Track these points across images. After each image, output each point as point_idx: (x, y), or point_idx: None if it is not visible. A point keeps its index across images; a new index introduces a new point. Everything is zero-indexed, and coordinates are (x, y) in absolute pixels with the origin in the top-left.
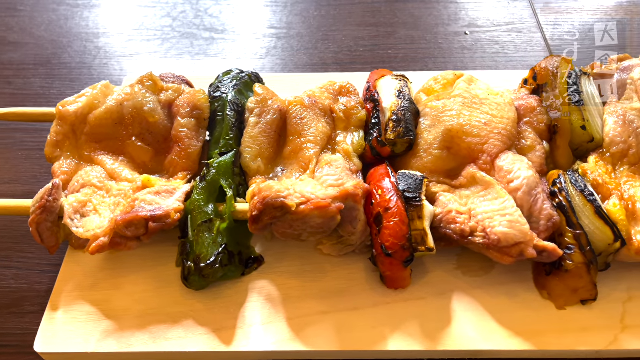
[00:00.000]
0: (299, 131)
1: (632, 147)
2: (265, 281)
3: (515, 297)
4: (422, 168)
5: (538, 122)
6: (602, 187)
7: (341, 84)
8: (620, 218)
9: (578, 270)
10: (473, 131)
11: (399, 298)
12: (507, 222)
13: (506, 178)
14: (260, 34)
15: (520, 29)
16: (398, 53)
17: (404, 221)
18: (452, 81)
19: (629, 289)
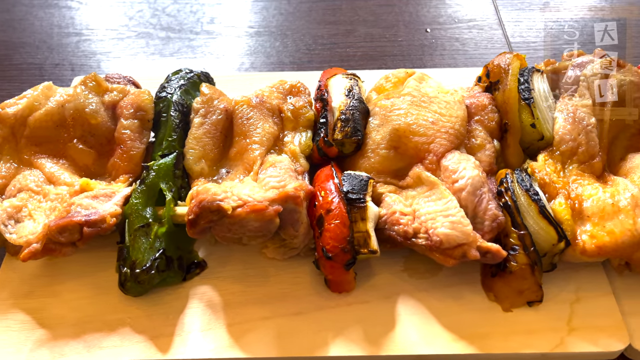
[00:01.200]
0: (245, 132)
1: (582, 145)
2: (207, 286)
3: (462, 299)
4: (370, 168)
5: (489, 120)
6: (549, 186)
7: (292, 83)
8: (565, 218)
9: (522, 272)
10: (420, 130)
11: (343, 302)
12: (449, 223)
13: (451, 178)
14: (218, 33)
15: (481, 26)
16: (357, 51)
17: (345, 223)
18: (403, 79)
19: (577, 289)
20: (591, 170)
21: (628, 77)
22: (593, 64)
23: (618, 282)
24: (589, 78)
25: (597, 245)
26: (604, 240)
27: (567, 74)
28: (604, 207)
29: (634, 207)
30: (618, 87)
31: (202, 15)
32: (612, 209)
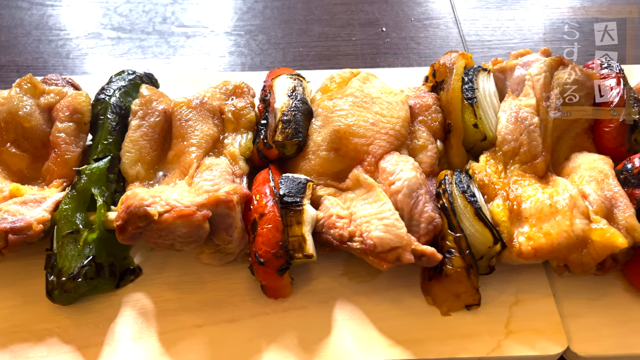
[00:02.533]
0: (183, 134)
1: (524, 145)
2: (140, 293)
3: (401, 303)
4: (311, 170)
5: (432, 121)
6: (488, 187)
7: (235, 83)
8: (502, 219)
9: (458, 275)
10: (359, 131)
11: (279, 308)
12: (383, 226)
13: (388, 180)
14: (170, 33)
15: (437, 25)
16: (310, 51)
17: (278, 227)
18: (347, 79)
19: (517, 292)
20: (534, 171)
21: (572, 76)
22: (538, 62)
23: (559, 283)
24: (534, 77)
25: (533, 247)
26: (540, 242)
27: (514, 73)
28: (542, 208)
29: (572, 207)
30: (562, 86)
31: (154, 15)
32: (550, 210)
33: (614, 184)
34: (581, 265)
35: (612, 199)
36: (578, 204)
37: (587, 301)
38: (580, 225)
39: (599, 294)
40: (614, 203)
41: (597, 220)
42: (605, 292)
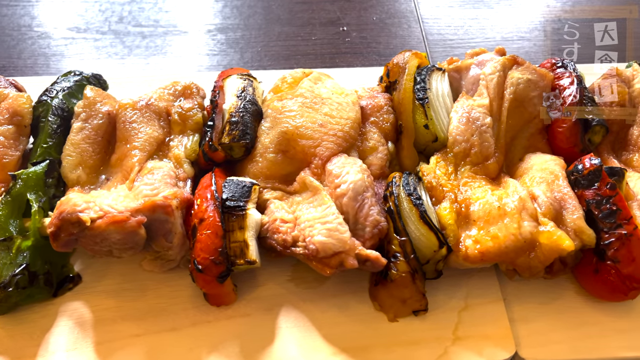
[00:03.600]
0: (127, 136)
1: (475, 146)
2: (79, 302)
3: (347, 309)
4: (258, 173)
5: (384, 122)
6: (436, 189)
7: (185, 84)
8: (449, 222)
9: (403, 280)
10: (307, 133)
11: (222, 316)
12: (326, 231)
13: (334, 183)
14: (125, 33)
15: (399, 23)
16: (269, 51)
17: (217, 233)
18: (299, 80)
19: (467, 296)
20: (485, 172)
21: (526, 75)
22: (492, 62)
23: (510, 287)
24: (488, 77)
25: (480, 251)
26: (487, 246)
27: (470, 72)
28: (490, 210)
29: (520, 210)
30: (515, 86)
31: (110, 14)
32: (498, 212)
33: (564, 185)
34: (529, 269)
35: (562, 201)
36: (527, 206)
37: (538, 305)
38: (528, 228)
39: (550, 297)
40: (563, 205)
41: (544, 223)
42: (557, 295)
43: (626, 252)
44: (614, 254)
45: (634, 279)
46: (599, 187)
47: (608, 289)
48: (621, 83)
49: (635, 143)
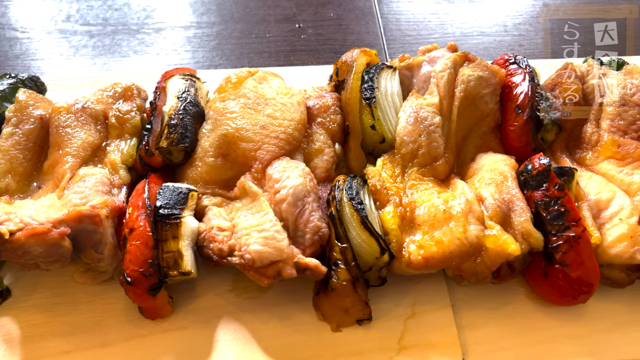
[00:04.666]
0: (60, 142)
1: (422, 147)
2: (7, 318)
3: (289, 319)
4: (198, 178)
5: (330, 123)
6: (380, 193)
7: (125, 86)
8: (392, 227)
9: (343, 289)
10: (248, 135)
11: (157, 329)
12: (262, 239)
13: (273, 188)
14: (72, 32)
15: (358, 20)
16: (223, 49)
17: (148, 243)
18: (243, 79)
19: (414, 303)
20: (434, 174)
21: (476, 73)
22: (443, 59)
23: (459, 292)
24: (438, 74)
25: (424, 257)
26: (431, 251)
27: (421, 70)
28: (436, 214)
29: (467, 213)
30: (466, 84)
31: (57, 13)
32: (444, 216)
33: (512, 186)
34: (475, 274)
35: (510, 203)
36: (474, 209)
37: (487, 310)
38: (474, 232)
39: (500, 302)
40: (511, 207)
41: (491, 227)
42: (508, 300)
43: (574, 255)
44: (562, 257)
45: (583, 283)
46: (548, 188)
47: (557, 293)
48: (575, 79)
49: (589, 141)
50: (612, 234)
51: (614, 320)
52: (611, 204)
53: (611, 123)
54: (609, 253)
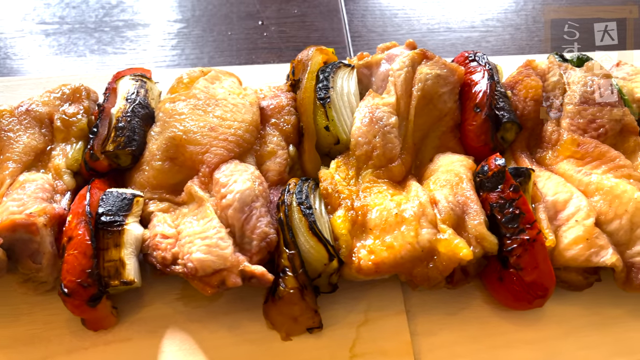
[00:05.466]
0: (1, 147)
1: (377, 149)
2: None
3: (238, 328)
4: (145, 183)
5: (285, 123)
6: (331, 196)
7: (73, 87)
8: (342, 232)
9: (291, 297)
10: (196, 138)
11: (100, 341)
12: (205, 247)
13: (220, 193)
14: (28, 31)
15: (323, 17)
16: (183, 48)
17: (86, 253)
18: (195, 79)
19: (368, 309)
20: (389, 176)
21: (434, 71)
22: (401, 57)
23: (415, 298)
24: (396, 72)
25: (374, 262)
26: (382, 256)
27: (380, 68)
28: (387, 218)
29: (419, 217)
30: (423, 82)
31: (12, 11)
32: (396, 219)
33: (467, 188)
34: (427, 280)
35: (464, 205)
36: (427, 212)
37: (443, 316)
38: (426, 236)
39: (457, 307)
40: (465, 210)
41: (443, 230)
42: (464, 305)
43: (529, 259)
44: (517, 261)
45: (538, 287)
46: (503, 190)
47: (512, 298)
48: (535, 77)
49: (550, 140)
50: (568, 236)
51: (570, 324)
52: (568, 205)
53: (571, 121)
54: (564, 256)
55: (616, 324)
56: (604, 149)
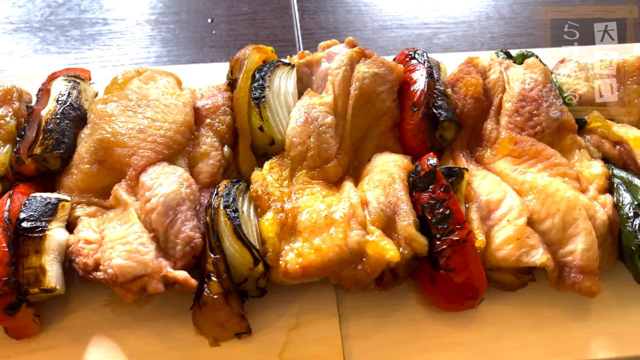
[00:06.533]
0: None
1: (311, 149)
2: None
3: (166, 335)
4: (73, 187)
5: (220, 124)
6: (261, 198)
7: (5, 88)
8: (269, 236)
9: (215, 302)
10: (124, 140)
11: (23, 349)
12: (125, 253)
13: (144, 196)
14: None
15: (273, 14)
16: (126, 45)
17: (2, 260)
18: (130, 79)
19: (300, 313)
20: (325, 177)
21: (372, 69)
22: (339, 55)
23: (348, 300)
24: (334, 71)
25: (301, 266)
26: (309, 259)
27: (320, 67)
28: (317, 219)
29: (349, 218)
30: (361, 81)
31: None
32: (325, 221)
33: (399, 188)
34: (356, 282)
35: (395, 206)
36: (357, 213)
37: (376, 318)
38: (355, 237)
39: (390, 309)
40: (396, 210)
41: (372, 232)
42: (398, 306)
43: (458, 260)
44: (447, 262)
45: (468, 288)
46: (434, 190)
47: (444, 299)
48: (476, 74)
49: (489, 138)
50: (499, 237)
51: (505, 324)
52: (501, 205)
53: (509, 119)
54: (496, 256)
55: (551, 323)
56: (540, 147)
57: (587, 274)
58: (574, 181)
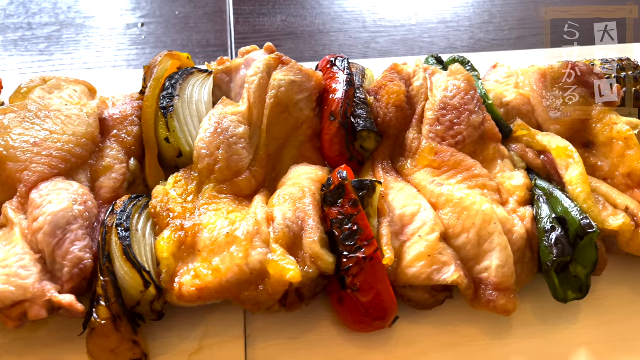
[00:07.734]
0: None
1: (219, 162)
2: None
3: None
4: None
5: (126, 135)
6: (159, 215)
7: None
8: (163, 256)
9: (103, 328)
10: (16, 155)
11: None
12: (4, 277)
13: (32, 215)
14: None
15: (208, 18)
16: (55, 52)
17: None
18: (33, 89)
19: (204, 336)
20: (235, 190)
21: (289, 77)
22: (257, 62)
23: (258, 321)
24: (250, 79)
25: (197, 288)
26: (206, 281)
27: (239, 74)
28: (217, 238)
29: (253, 236)
30: (277, 89)
31: None
32: (226, 239)
33: (307, 203)
34: (257, 304)
35: (303, 222)
36: (261, 230)
37: (286, 340)
38: (256, 257)
39: (302, 330)
40: (303, 226)
41: (274, 250)
42: (311, 327)
43: (365, 278)
44: (353, 281)
45: (376, 309)
46: (342, 205)
47: (352, 320)
48: (399, 81)
49: (410, 148)
50: (410, 253)
51: (420, 345)
52: (415, 219)
53: (430, 128)
54: (407, 274)
55: (470, 343)
56: (459, 158)
57: (502, 291)
58: (494, 193)
